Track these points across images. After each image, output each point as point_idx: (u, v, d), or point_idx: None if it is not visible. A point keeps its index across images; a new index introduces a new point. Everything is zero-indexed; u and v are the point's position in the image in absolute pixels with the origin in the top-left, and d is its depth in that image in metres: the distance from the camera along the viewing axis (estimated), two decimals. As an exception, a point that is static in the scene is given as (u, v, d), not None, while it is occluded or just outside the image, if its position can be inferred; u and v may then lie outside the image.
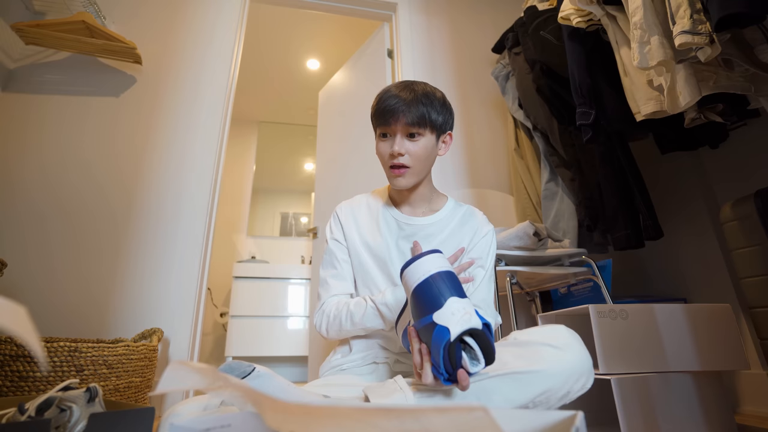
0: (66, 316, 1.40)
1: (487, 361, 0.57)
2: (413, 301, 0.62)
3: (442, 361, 0.56)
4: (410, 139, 0.84)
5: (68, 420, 0.59)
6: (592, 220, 1.55)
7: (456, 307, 0.57)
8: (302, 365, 2.76)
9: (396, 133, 0.84)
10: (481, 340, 0.57)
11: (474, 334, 0.57)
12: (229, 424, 0.40)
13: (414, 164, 0.85)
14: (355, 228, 0.94)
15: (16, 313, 0.38)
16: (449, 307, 0.57)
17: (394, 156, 0.84)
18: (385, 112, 0.83)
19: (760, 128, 1.37)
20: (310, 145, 3.76)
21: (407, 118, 0.82)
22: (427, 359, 0.59)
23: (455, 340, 0.55)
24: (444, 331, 0.55)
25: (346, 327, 0.84)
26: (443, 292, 0.59)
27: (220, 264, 3.03)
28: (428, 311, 0.58)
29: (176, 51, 1.83)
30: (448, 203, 0.96)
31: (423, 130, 0.84)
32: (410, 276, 0.63)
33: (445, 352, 0.56)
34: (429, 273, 0.61)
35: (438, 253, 0.65)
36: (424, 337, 0.60)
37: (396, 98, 0.82)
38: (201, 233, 1.62)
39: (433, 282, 0.60)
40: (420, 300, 0.60)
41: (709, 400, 1.00)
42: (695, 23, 0.90)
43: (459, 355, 0.56)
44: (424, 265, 0.62)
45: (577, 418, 0.33)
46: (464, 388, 0.57)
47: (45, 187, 1.53)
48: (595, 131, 1.31)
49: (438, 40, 2.22)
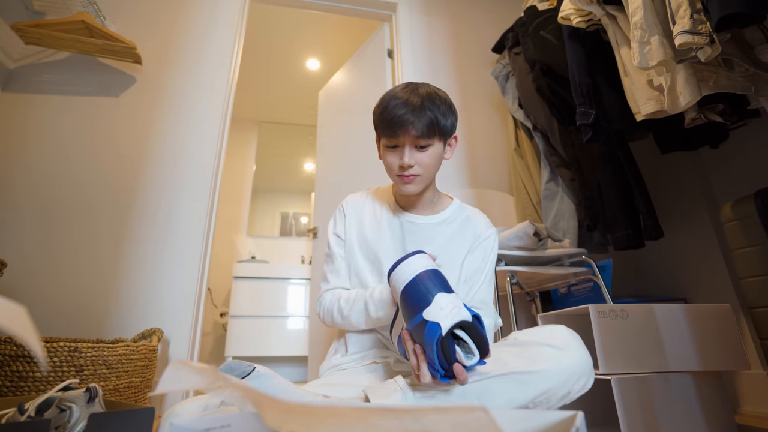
0: (66, 316, 1.40)
1: (482, 353, 0.58)
2: (403, 303, 0.63)
3: (437, 357, 0.56)
4: (420, 150, 0.83)
5: (68, 420, 0.59)
6: (592, 220, 1.55)
7: (444, 303, 0.58)
8: (302, 365, 2.76)
9: (405, 144, 0.82)
10: (472, 332, 0.58)
11: (465, 327, 0.57)
12: (229, 424, 0.40)
13: (423, 172, 0.85)
14: (357, 225, 0.95)
15: (16, 313, 0.38)
16: (438, 302, 0.58)
17: (404, 168, 0.83)
18: (393, 123, 0.80)
19: (760, 128, 1.36)
20: (310, 145, 3.76)
21: (417, 130, 0.80)
22: (423, 359, 0.59)
23: (447, 334, 0.56)
24: (435, 326, 0.56)
25: (338, 320, 0.86)
26: (430, 289, 0.59)
27: (220, 264, 3.03)
28: (418, 310, 0.59)
29: (176, 51, 1.83)
30: (452, 205, 0.97)
31: (432, 140, 0.82)
32: (397, 278, 0.63)
33: (438, 347, 0.56)
34: (415, 272, 0.62)
35: (422, 254, 0.65)
36: (417, 337, 0.60)
37: (403, 108, 0.79)
38: (201, 233, 1.62)
39: (420, 281, 0.61)
40: (409, 300, 0.61)
41: (709, 400, 1.00)
42: (695, 23, 0.90)
43: (452, 349, 0.57)
44: (410, 266, 0.63)
45: (577, 418, 0.33)
46: (463, 382, 0.57)
47: (45, 187, 1.53)
48: (595, 131, 1.31)
49: (438, 40, 2.22)
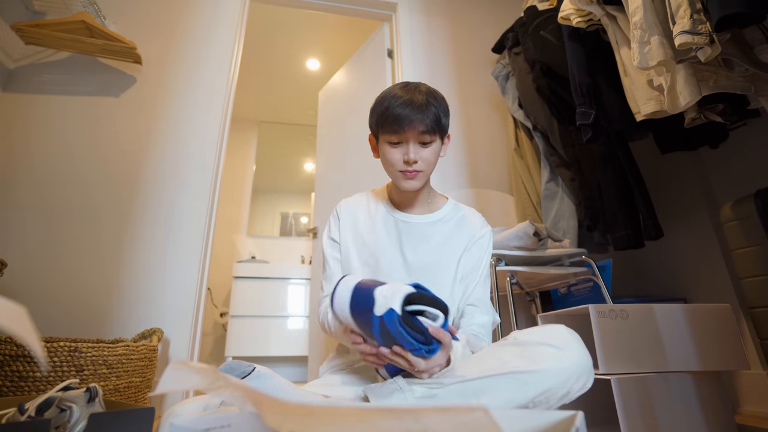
0: (66, 316, 1.40)
1: (442, 310, 0.61)
2: (360, 321, 0.64)
3: (409, 335, 0.58)
4: (423, 147, 0.84)
5: (68, 420, 0.59)
6: (592, 220, 1.55)
7: (385, 292, 0.60)
8: (302, 365, 2.76)
9: (410, 140, 0.83)
10: (424, 299, 0.60)
11: (415, 300, 0.60)
12: (229, 424, 0.41)
13: (426, 168, 0.86)
14: (353, 228, 0.95)
15: (16, 313, 0.38)
16: (379, 295, 0.60)
17: (408, 163, 0.84)
18: (400, 119, 0.81)
19: (760, 128, 1.36)
20: (310, 145, 3.76)
21: (423, 126, 0.81)
22: (405, 351, 0.61)
23: (403, 312, 0.58)
24: (390, 313, 0.58)
25: (330, 334, 0.86)
26: (368, 292, 0.62)
27: (220, 264, 3.03)
28: (370, 312, 0.60)
29: (176, 51, 1.83)
30: (447, 204, 0.97)
31: (435, 136, 0.84)
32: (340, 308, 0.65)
33: (404, 327, 0.58)
34: (349, 290, 0.64)
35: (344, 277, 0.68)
36: (387, 340, 0.61)
37: (408, 105, 0.81)
38: (201, 233, 1.62)
39: (356, 292, 0.64)
40: (360, 312, 0.63)
41: (709, 400, 1.00)
42: (695, 23, 0.90)
43: (416, 320, 0.60)
44: (343, 289, 0.65)
45: (577, 418, 0.33)
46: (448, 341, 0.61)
47: (44, 187, 1.53)
48: (595, 131, 1.31)
49: (438, 40, 2.22)
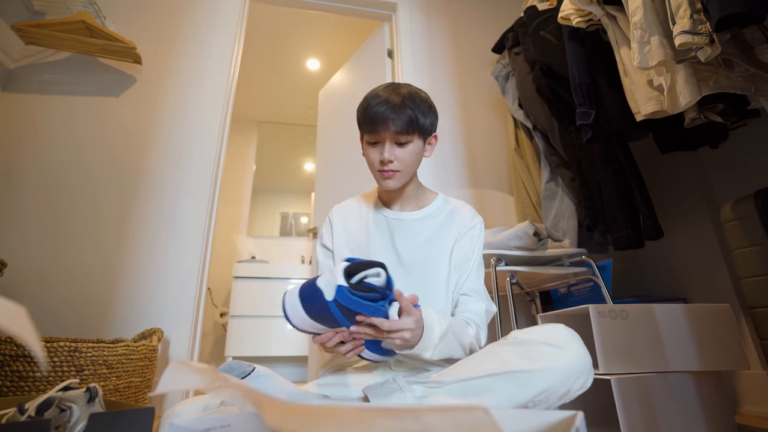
0: (66, 316, 1.40)
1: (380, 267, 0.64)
2: (320, 316, 0.64)
3: (364, 299, 0.61)
4: (399, 146, 0.85)
5: (68, 420, 0.59)
6: (592, 220, 1.55)
7: (325, 278, 0.62)
8: (302, 365, 2.76)
9: (385, 140, 0.84)
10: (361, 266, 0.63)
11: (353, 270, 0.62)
12: (229, 424, 0.41)
13: (403, 168, 0.86)
14: (345, 232, 0.97)
15: (16, 313, 0.38)
16: (322, 283, 0.62)
17: (384, 163, 0.85)
18: (374, 120, 0.82)
19: (760, 128, 1.36)
20: (310, 145, 3.76)
21: (396, 126, 0.82)
22: (371, 322, 0.63)
23: (349, 285, 0.60)
24: (339, 289, 0.60)
25: None
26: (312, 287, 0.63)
27: (220, 264, 3.02)
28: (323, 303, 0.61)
29: (176, 51, 1.83)
30: (436, 199, 0.98)
31: (411, 136, 0.84)
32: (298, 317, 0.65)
33: (357, 295, 0.60)
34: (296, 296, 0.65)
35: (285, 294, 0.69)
36: (350, 316, 0.63)
37: (383, 105, 0.82)
38: (201, 233, 1.62)
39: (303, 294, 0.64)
40: (316, 308, 0.63)
41: (709, 400, 1.00)
42: (695, 23, 0.90)
43: (364, 283, 0.62)
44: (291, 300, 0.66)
45: (577, 418, 0.33)
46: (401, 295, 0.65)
47: (44, 187, 1.53)
48: (595, 131, 1.31)
49: (438, 40, 2.22)
